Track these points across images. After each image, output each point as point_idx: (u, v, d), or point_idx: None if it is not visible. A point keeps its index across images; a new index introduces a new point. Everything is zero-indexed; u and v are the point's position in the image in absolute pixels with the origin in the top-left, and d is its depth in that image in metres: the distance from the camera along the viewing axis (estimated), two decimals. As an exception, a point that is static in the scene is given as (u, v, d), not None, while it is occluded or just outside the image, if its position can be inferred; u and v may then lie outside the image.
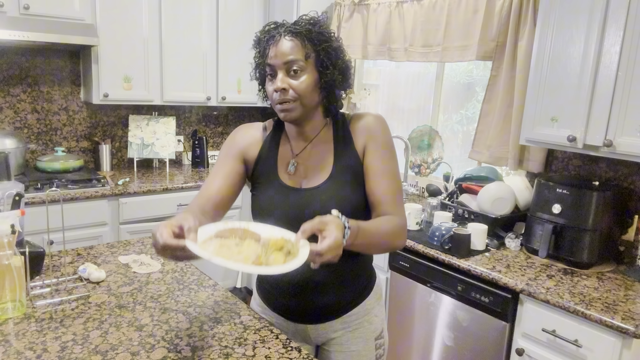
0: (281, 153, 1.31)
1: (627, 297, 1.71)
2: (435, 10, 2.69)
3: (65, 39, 2.60)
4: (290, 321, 1.35)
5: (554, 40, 1.93)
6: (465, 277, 1.97)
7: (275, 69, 1.17)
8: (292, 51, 1.15)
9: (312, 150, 1.29)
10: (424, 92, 3.18)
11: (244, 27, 3.40)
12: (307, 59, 1.16)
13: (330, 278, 1.27)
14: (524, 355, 1.79)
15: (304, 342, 1.39)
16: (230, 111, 3.87)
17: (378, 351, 1.38)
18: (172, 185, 2.98)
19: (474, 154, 2.58)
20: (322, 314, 1.31)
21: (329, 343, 1.36)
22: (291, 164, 1.28)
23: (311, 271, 1.23)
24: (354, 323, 1.33)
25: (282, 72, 1.16)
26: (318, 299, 1.28)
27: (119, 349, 1.17)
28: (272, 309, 1.38)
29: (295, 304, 1.31)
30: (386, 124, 1.28)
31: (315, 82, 1.18)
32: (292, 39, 1.15)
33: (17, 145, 2.80)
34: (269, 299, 1.38)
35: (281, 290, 1.32)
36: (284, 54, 1.15)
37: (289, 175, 1.28)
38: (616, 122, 1.76)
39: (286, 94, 1.17)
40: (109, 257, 1.74)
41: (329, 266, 1.24)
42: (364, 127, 1.26)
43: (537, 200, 2.06)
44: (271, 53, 1.16)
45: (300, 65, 1.16)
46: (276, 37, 1.16)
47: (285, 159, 1.30)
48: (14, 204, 1.48)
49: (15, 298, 1.29)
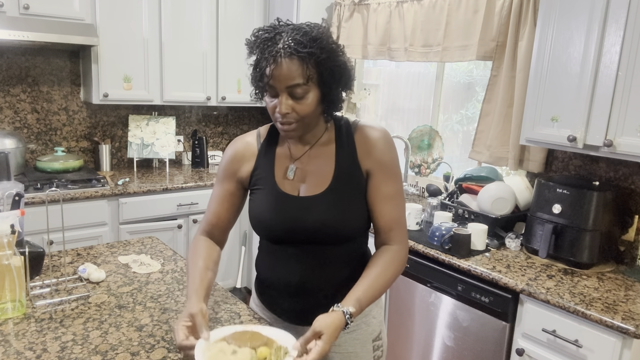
0: (278, 157, 1.29)
1: (628, 297, 1.71)
2: (435, 10, 2.69)
3: (65, 38, 2.60)
4: (287, 322, 1.34)
5: (554, 40, 1.93)
6: (466, 277, 1.97)
7: (277, 90, 1.12)
8: (295, 75, 1.09)
9: (312, 155, 1.26)
10: (424, 92, 3.17)
11: (244, 27, 3.40)
12: (309, 81, 1.11)
13: (328, 281, 1.27)
14: (524, 355, 1.79)
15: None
16: (230, 111, 3.87)
17: (376, 353, 1.37)
18: (172, 185, 2.98)
19: (474, 154, 2.58)
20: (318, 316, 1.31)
21: None
22: (290, 170, 1.26)
23: (309, 274, 1.25)
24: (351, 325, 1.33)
25: (285, 95, 1.12)
26: (315, 301, 1.27)
27: (119, 349, 1.17)
28: (270, 310, 1.37)
29: (292, 305, 1.31)
30: (393, 142, 1.26)
31: (318, 99, 1.15)
32: (295, 61, 1.08)
33: (17, 145, 2.80)
34: (267, 300, 1.38)
35: (279, 291, 1.32)
36: (287, 78, 1.09)
37: (288, 180, 1.26)
38: (616, 122, 1.76)
39: (289, 117, 1.14)
40: (109, 257, 1.74)
41: (328, 270, 1.24)
42: (372, 145, 1.23)
43: (537, 200, 2.06)
44: (272, 72, 1.09)
45: (304, 88, 1.11)
46: (277, 58, 1.08)
47: (283, 163, 1.28)
48: (13, 204, 1.48)
49: (15, 298, 1.29)
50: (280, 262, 1.29)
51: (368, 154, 1.23)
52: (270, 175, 1.27)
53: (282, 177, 1.26)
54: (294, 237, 1.23)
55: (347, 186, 1.22)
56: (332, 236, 1.22)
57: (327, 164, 1.24)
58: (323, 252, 1.25)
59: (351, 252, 1.29)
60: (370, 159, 1.23)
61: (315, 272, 1.26)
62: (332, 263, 1.26)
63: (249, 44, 1.15)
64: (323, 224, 1.20)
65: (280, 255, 1.29)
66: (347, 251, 1.27)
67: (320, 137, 1.26)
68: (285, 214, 1.23)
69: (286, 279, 1.28)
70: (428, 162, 2.98)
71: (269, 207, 1.25)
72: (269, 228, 1.26)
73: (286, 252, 1.27)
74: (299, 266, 1.26)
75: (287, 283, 1.29)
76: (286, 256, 1.27)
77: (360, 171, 1.23)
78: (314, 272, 1.26)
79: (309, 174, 1.25)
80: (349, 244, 1.27)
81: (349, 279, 1.27)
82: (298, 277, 1.26)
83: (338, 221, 1.21)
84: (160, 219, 2.98)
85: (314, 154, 1.26)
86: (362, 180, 1.23)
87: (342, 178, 1.22)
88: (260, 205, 1.26)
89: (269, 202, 1.25)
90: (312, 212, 1.21)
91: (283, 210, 1.23)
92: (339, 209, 1.21)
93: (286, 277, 1.28)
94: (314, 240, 1.23)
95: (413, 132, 3.01)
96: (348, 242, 1.26)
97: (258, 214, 1.27)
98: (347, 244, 1.26)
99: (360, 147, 1.23)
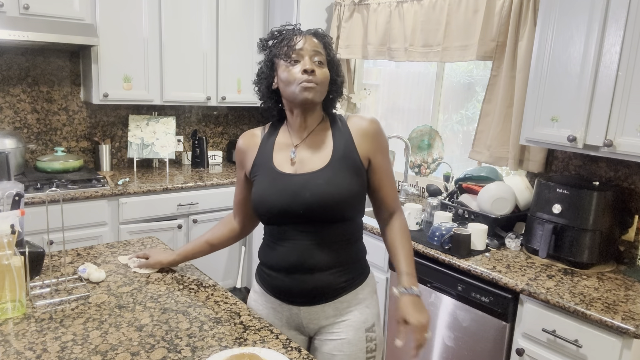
0: (278, 145, 1.40)
1: (628, 297, 1.71)
2: (435, 10, 2.69)
3: (65, 39, 2.60)
4: (284, 303, 1.39)
5: (554, 40, 1.93)
6: (466, 277, 1.97)
7: (303, 55, 1.29)
8: (318, 47, 1.32)
9: (310, 140, 1.38)
10: (424, 92, 3.17)
11: (244, 27, 3.40)
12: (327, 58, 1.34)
13: (325, 261, 1.33)
14: (524, 355, 1.79)
15: (298, 332, 1.43)
16: (230, 111, 3.87)
17: (369, 344, 1.39)
18: (172, 185, 2.98)
19: (474, 154, 2.58)
20: (315, 295, 1.36)
21: (320, 332, 1.40)
22: (292, 152, 1.37)
23: (307, 253, 1.33)
24: (345, 310, 1.38)
25: (310, 60, 1.29)
26: (312, 279, 1.34)
27: (119, 349, 1.17)
28: (268, 291, 1.42)
29: (289, 283, 1.36)
30: (382, 127, 1.43)
31: (328, 79, 1.34)
32: (317, 39, 1.33)
33: (17, 145, 2.80)
34: (266, 281, 1.43)
35: (278, 270, 1.38)
36: (313, 45, 1.31)
37: (287, 164, 1.36)
38: (616, 122, 1.76)
39: (314, 75, 1.28)
40: (109, 257, 1.74)
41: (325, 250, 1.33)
42: (366, 131, 1.37)
43: (537, 200, 2.06)
44: (299, 43, 1.29)
45: (323, 59, 1.32)
46: (303, 33, 1.32)
47: (283, 149, 1.39)
48: (13, 204, 1.48)
49: (15, 298, 1.29)
50: (279, 244, 1.37)
51: (363, 138, 1.37)
52: (269, 161, 1.38)
53: (281, 160, 1.37)
54: (292, 213, 1.31)
55: (344, 164, 1.33)
56: (329, 211, 1.30)
57: (325, 147, 1.36)
58: (318, 232, 1.32)
59: (346, 234, 1.36)
60: (366, 141, 1.37)
61: (313, 252, 1.33)
62: (326, 243, 1.33)
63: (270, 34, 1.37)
64: (321, 198, 1.28)
65: (280, 237, 1.36)
66: (342, 232, 1.35)
67: (318, 124, 1.40)
68: (284, 191, 1.32)
69: (285, 260, 1.35)
70: (428, 162, 2.98)
71: (268, 186, 1.35)
72: (269, 206, 1.33)
73: (283, 234, 1.35)
74: (293, 246, 1.34)
75: (286, 264, 1.35)
76: (285, 237, 1.35)
77: (357, 154, 1.35)
78: (312, 252, 1.33)
79: (308, 156, 1.36)
80: (344, 225, 1.35)
81: (343, 260, 1.36)
82: (296, 257, 1.33)
83: (335, 195, 1.29)
84: (160, 219, 2.98)
85: (312, 140, 1.38)
86: (359, 162, 1.35)
87: (339, 157, 1.33)
88: (261, 187, 1.36)
89: (268, 182, 1.35)
90: (311, 187, 1.30)
91: (283, 189, 1.32)
92: (336, 184, 1.30)
93: (285, 258, 1.35)
94: (312, 217, 1.30)
95: (413, 132, 3.01)
96: (344, 222, 1.34)
97: (258, 195, 1.36)
98: (343, 224, 1.35)
99: (356, 134, 1.37)
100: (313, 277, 1.33)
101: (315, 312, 1.37)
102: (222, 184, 3.19)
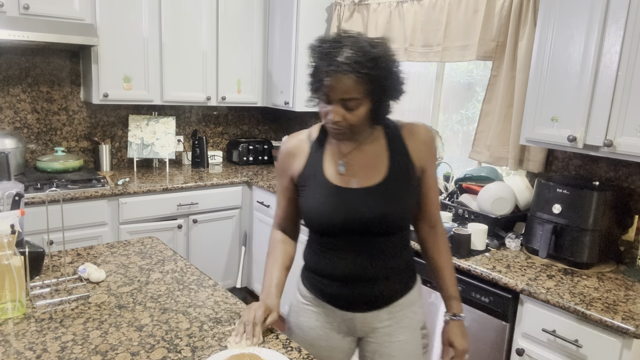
0: (328, 155, 1.33)
1: (628, 297, 1.71)
2: (435, 10, 2.69)
3: (65, 39, 2.60)
4: (338, 309, 1.37)
5: (554, 40, 1.93)
6: (466, 277, 1.97)
7: (331, 98, 1.17)
8: (350, 90, 1.14)
9: (361, 150, 1.31)
10: (424, 92, 3.17)
11: (244, 27, 3.40)
12: (365, 95, 1.17)
13: (382, 271, 1.32)
14: (524, 355, 1.79)
15: (348, 334, 1.41)
16: (230, 111, 3.87)
17: (424, 341, 1.43)
18: (172, 185, 2.98)
19: (474, 154, 2.58)
20: (370, 304, 1.35)
21: (374, 334, 1.39)
22: (340, 164, 1.31)
23: (364, 264, 1.31)
24: (399, 314, 1.38)
25: (338, 105, 1.18)
26: (367, 290, 1.33)
27: (119, 349, 1.17)
28: (320, 296, 1.39)
29: (344, 293, 1.34)
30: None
31: (368, 111, 1.20)
32: (352, 78, 1.13)
33: (17, 145, 2.80)
34: (318, 287, 1.39)
35: (332, 280, 1.35)
36: (342, 91, 1.15)
37: (339, 175, 1.30)
38: (616, 122, 1.76)
39: (339, 124, 1.20)
40: (109, 257, 1.74)
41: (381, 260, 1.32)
42: (423, 140, 1.32)
43: (537, 200, 2.05)
44: (329, 84, 1.15)
45: (357, 102, 1.17)
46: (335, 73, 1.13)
47: (333, 159, 1.32)
48: (13, 204, 1.48)
49: (15, 298, 1.29)
50: (332, 253, 1.33)
51: (419, 148, 1.32)
52: (319, 172, 1.32)
53: (332, 172, 1.31)
54: (348, 229, 1.28)
55: (401, 178, 1.29)
56: (388, 227, 1.28)
57: (378, 158, 1.30)
58: (373, 243, 1.30)
59: (399, 242, 1.34)
60: (422, 151, 1.32)
61: (369, 263, 1.31)
62: (382, 253, 1.31)
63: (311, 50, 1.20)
64: (382, 215, 1.26)
65: (332, 247, 1.33)
66: (396, 241, 1.33)
67: (370, 135, 1.32)
68: (341, 206, 1.27)
69: (341, 270, 1.32)
70: (428, 162, 2.97)
71: (323, 200, 1.29)
72: (325, 221, 1.29)
73: (337, 244, 1.31)
74: (349, 257, 1.30)
75: (342, 274, 1.32)
76: (337, 248, 1.32)
77: (413, 165, 1.31)
78: (365, 263, 1.31)
79: (360, 168, 1.30)
80: (397, 235, 1.33)
81: (397, 267, 1.35)
82: (353, 268, 1.30)
83: (396, 212, 1.27)
84: (160, 219, 2.98)
85: (364, 150, 1.31)
86: (415, 175, 1.31)
87: (396, 171, 1.29)
88: (314, 200, 1.31)
89: (323, 195, 1.29)
90: (369, 203, 1.26)
91: (339, 203, 1.28)
92: (397, 200, 1.27)
93: (341, 268, 1.32)
94: (368, 232, 1.28)
95: (413, 132, 3.01)
96: (397, 233, 1.32)
97: (313, 209, 1.31)
98: (396, 234, 1.32)
99: (412, 143, 1.31)
100: (371, 287, 1.32)
101: (369, 317, 1.37)
102: (222, 184, 3.19)
